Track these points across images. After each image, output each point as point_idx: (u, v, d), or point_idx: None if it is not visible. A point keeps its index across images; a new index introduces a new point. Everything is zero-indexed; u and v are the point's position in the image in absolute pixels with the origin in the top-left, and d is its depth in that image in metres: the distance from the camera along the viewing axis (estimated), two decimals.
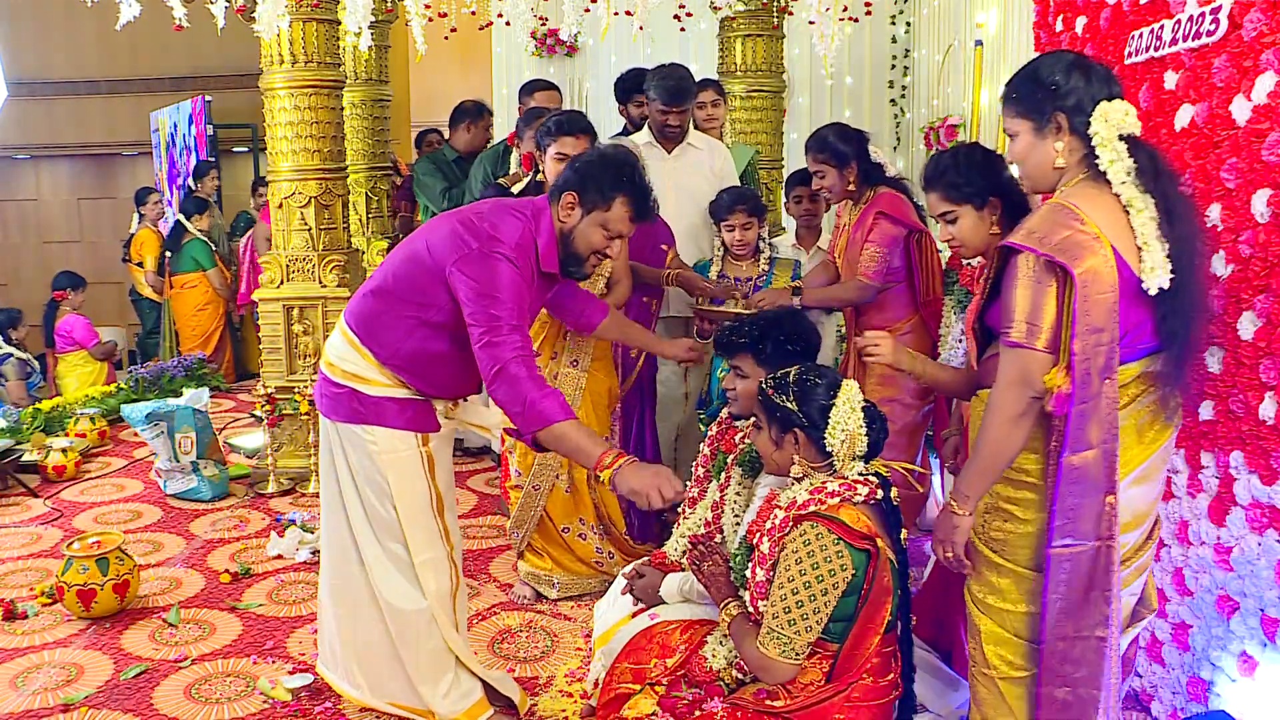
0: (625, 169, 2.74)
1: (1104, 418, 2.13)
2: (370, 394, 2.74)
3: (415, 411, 2.78)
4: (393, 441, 2.76)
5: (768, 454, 2.54)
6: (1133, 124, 2.16)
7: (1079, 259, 2.07)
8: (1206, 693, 2.68)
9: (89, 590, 3.64)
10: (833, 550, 2.30)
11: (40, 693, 3.22)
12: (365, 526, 2.82)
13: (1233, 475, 2.56)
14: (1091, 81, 2.18)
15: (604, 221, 2.72)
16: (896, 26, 7.58)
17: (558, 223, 2.74)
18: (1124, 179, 2.14)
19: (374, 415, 2.74)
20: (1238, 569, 2.55)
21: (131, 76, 10.65)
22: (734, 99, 6.10)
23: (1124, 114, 2.15)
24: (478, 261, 2.61)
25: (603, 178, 2.71)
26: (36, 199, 11.68)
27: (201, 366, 7.38)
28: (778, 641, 2.33)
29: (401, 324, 2.72)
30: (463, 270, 2.61)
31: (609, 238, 2.75)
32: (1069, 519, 2.16)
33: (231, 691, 3.24)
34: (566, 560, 3.87)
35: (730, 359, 2.94)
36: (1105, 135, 2.14)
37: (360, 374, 2.75)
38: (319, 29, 4.98)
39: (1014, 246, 2.16)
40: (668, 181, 4.37)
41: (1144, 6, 2.93)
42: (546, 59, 8.28)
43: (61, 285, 7.65)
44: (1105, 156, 2.15)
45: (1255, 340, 2.46)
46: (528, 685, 3.23)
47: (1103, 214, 2.12)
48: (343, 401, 2.77)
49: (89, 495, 5.16)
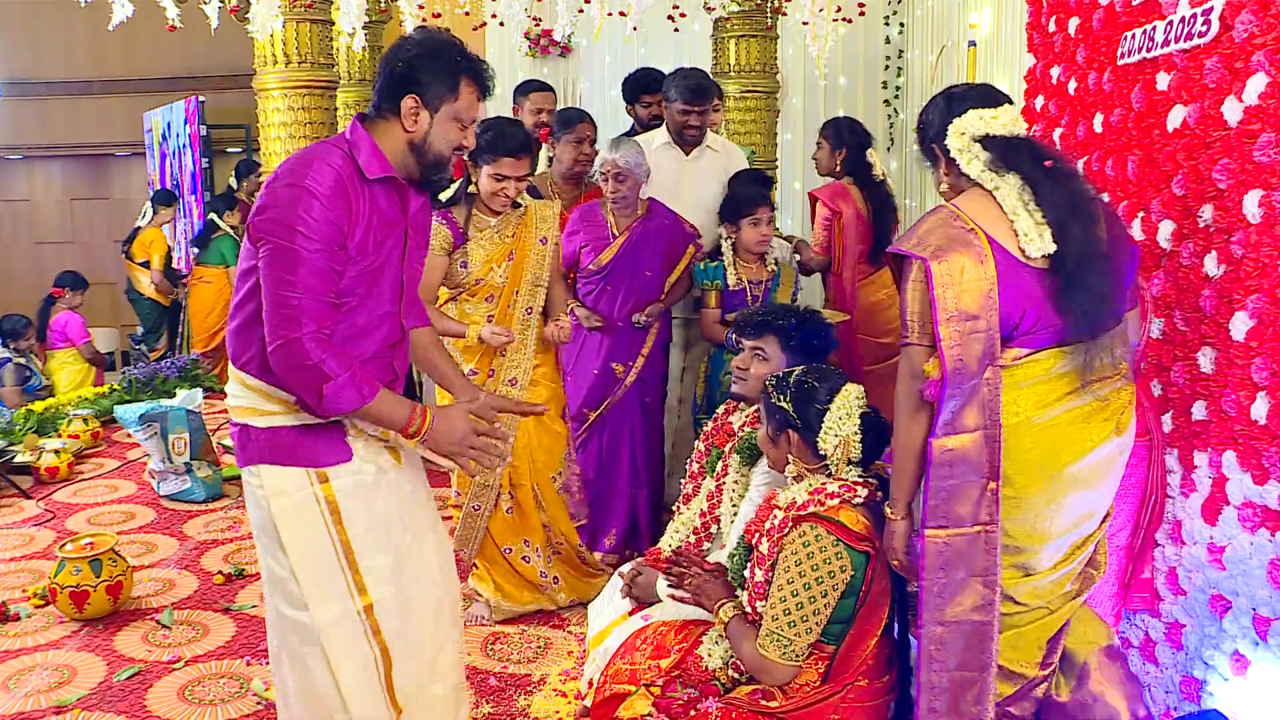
0: (449, 49, 2.29)
1: (985, 403, 2.18)
2: (259, 426, 2.30)
3: (309, 440, 2.29)
4: (279, 481, 2.29)
5: (766, 449, 2.60)
6: (992, 126, 2.28)
7: (945, 253, 2.18)
8: (1199, 692, 2.68)
9: (82, 592, 3.63)
10: (832, 551, 2.31)
11: (33, 695, 3.22)
12: (270, 594, 2.38)
13: (1225, 475, 2.56)
14: (950, 106, 2.35)
15: (456, 113, 2.28)
16: (890, 27, 7.59)
17: (404, 135, 2.26)
18: (980, 170, 2.27)
19: (263, 451, 2.31)
20: (1230, 568, 2.55)
21: (125, 77, 10.62)
22: (728, 100, 6.11)
23: (978, 119, 2.29)
24: (275, 208, 2.16)
25: (438, 68, 2.25)
26: (29, 199, 11.64)
27: (195, 367, 7.37)
28: (778, 643, 2.33)
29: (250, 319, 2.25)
30: (257, 224, 2.17)
31: (464, 127, 2.32)
32: (942, 501, 2.20)
33: (225, 693, 3.23)
34: (509, 584, 3.70)
35: (755, 340, 2.98)
36: (959, 144, 2.30)
37: (246, 404, 2.32)
38: (312, 29, 4.99)
39: (899, 253, 2.30)
40: (685, 184, 4.38)
41: (1136, 8, 2.93)
42: (540, 59, 8.28)
43: (63, 283, 7.67)
44: (962, 161, 2.30)
45: (1247, 340, 2.46)
46: (520, 685, 3.23)
47: (978, 208, 2.25)
48: (240, 443, 2.35)
49: (82, 497, 5.14)
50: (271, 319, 2.14)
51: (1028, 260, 2.21)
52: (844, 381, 2.48)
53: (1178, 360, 2.76)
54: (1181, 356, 2.74)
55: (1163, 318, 2.80)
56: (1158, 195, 2.81)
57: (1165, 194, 2.78)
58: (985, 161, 2.27)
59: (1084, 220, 2.20)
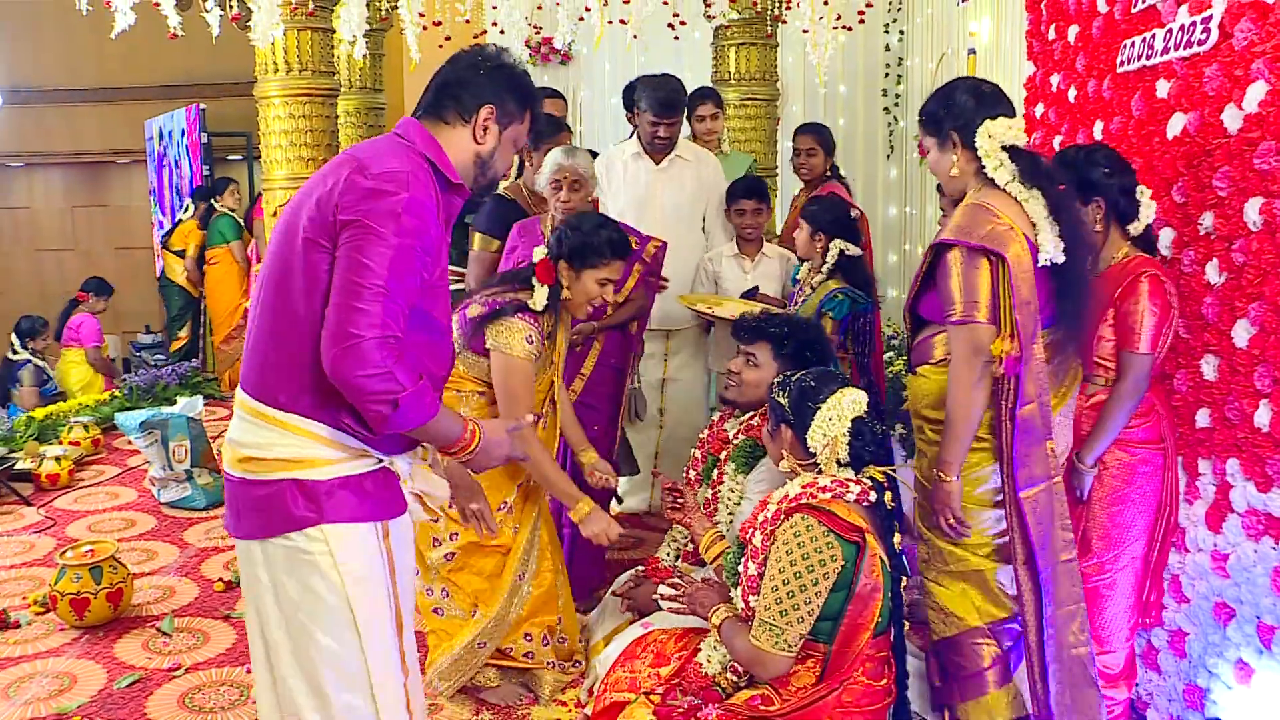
0: (525, 75, 2.20)
1: (1036, 375, 2.49)
2: (322, 478, 1.97)
3: (376, 488, 2.05)
4: (353, 543, 2.00)
5: (766, 443, 2.68)
6: (1015, 136, 2.49)
7: (1006, 246, 2.43)
8: (1203, 700, 2.68)
9: (82, 599, 3.62)
10: (823, 541, 2.32)
11: (33, 702, 3.21)
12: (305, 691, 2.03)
13: (1229, 482, 2.56)
14: (980, 103, 2.52)
15: (516, 137, 2.18)
16: (890, 35, 7.60)
17: (474, 147, 2.11)
18: (1009, 179, 2.49)
19: (332, 507, 1.98)
20: (1234, 576, 2.55)
21: (125, 84, 10.62)
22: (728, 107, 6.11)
23: (1006, 128, 2.49)
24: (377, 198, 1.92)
25: (516, 88, 2.14)
26: (29, 207, 11.62)
27: (196, 375, 7.38)
28: (770, 633, 2.33)
29: (298, 350, 1.95)
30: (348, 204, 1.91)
31: (514, 154, 2.24)
32: (1025, 465, 2.49)
33: (225, 700, 3.23)
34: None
35: (748, 345, 3.02)
36: (988, 148, 2.49)
37: (297, 454, 1.97)
38: (313, 37, 4.99)
39: (946, 242, 2.51)
40: (656, 192, 4.37)
41: (1136, 15, 2.94)
42: (541, 67, 8.29)
43: (88, 288, 7.90)
44: (990, 165, 2.50)
45: (1250, 348, 2.46)
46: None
47: (1011, 210, 2.48)
48: (277, 505, 1.98)
49: (82, 504, 5.14)
50: (339, 314, 1.86)
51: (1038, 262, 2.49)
52: (844, 386, 2.50)
53: (1180, 368, 2.76)
54: (1184, 364, 2.74)
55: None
56: (1158, 203, 2.82)
57: (1165, 201, 2.78)
58: (1013, 173, 2.48)
59: (1080, 247, 2.52)
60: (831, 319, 3.65)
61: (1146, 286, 2.63)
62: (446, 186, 2.05)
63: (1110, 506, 2.75)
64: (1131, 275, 2.67)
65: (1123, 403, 2.68)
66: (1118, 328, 2.68)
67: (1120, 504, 2.74)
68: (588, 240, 2.99)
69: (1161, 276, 2.66)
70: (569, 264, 3.00)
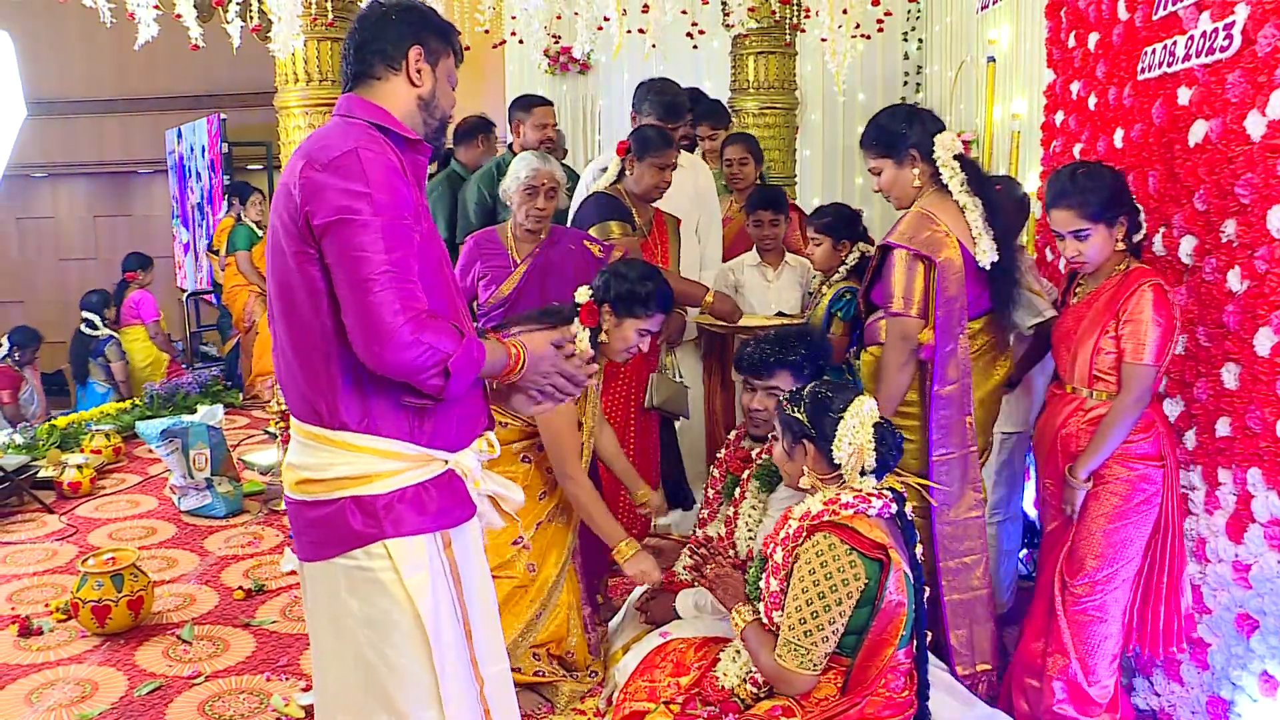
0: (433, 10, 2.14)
1: (960, 361, 2.93)
2: (380, 491, 1.94)
3: (440, 495, 2.00)
4: (415, 556, 1.96)
5: (781, 464, 2.61)
6: (957, 146, 2.96)
7: (939, 251, 2.87)
8: (1226, 713, 2.65)
9: (103, 606, 3.64)
10: (845, 560, 2.31)
11: (55, 709, 3.23)
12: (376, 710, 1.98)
13: (1250, 492, 2.54)
14: (926, 122, 2.97)
15: (448, 72, 2.12)
16: (909, 43, 7.60)
17: (413, 91, 2.05)
18: (959, 189, 2.92)
19: (391, 522, 1.94)
20: (1257, 587, 2.52)
21: (147, 95, 10.73)
22: (746, 115, 6.12)
23: (952, 140, 2.95)
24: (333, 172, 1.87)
25: (432, 24, 2.09)
26: (53, 216, 11.74)
27: (216, 384, 7.42)
28: (795, 653, 2.33)
29: (337, 373, 1.94)
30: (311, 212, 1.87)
31: (451, 89, 2.16)
32: (942, 434, 2.95)
33: (245, 708, 3.24)
34: None
35: (766, 380, 2.97)
36: (945, 159, 2.93)
37: (352, 471, 1.95)
38: (333, 48, 5.03)
39: (891, 245, 2.93)
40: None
41: (1157, 23, 2.92)
42: (559, 77, 8.32)
43: (131, 266, 7.94)
44: (946, 174, 2.93)
45: (1272, 356, 2.44)
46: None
47: (949, 216, 2.91)
48: (336, 523, 1.95)
49: (104, 511, 5.17)
50: (358, 313, 1.84)
51: (978, 261, 2.90)
52: (856, 393, 2.49)
53: (1201, 376, 2.74)
54: (1205, 373, 2.72)
55: (1185, 334, 2.78)
56: (1179, 210, 2.80)
57: (1187, 209, 2.77)
58: (962, 181, 2.92)
59: (1010, 244, 2.97)
60: (840, 319, 3.68)
61: (1151, 297, 2.62)
62: (405, 145, 2.01)
63: (1108, 523, 2.72)
64: (1134, 285, 2.65)
65: (1124, 416, 2.66)
66: (1120, 339, 2.67)
67: (1118, 520, 2.71)
68: (635, 290, 2.97)
69: (1164, 286, 2.65)
70: (613, 309, 2.99)
